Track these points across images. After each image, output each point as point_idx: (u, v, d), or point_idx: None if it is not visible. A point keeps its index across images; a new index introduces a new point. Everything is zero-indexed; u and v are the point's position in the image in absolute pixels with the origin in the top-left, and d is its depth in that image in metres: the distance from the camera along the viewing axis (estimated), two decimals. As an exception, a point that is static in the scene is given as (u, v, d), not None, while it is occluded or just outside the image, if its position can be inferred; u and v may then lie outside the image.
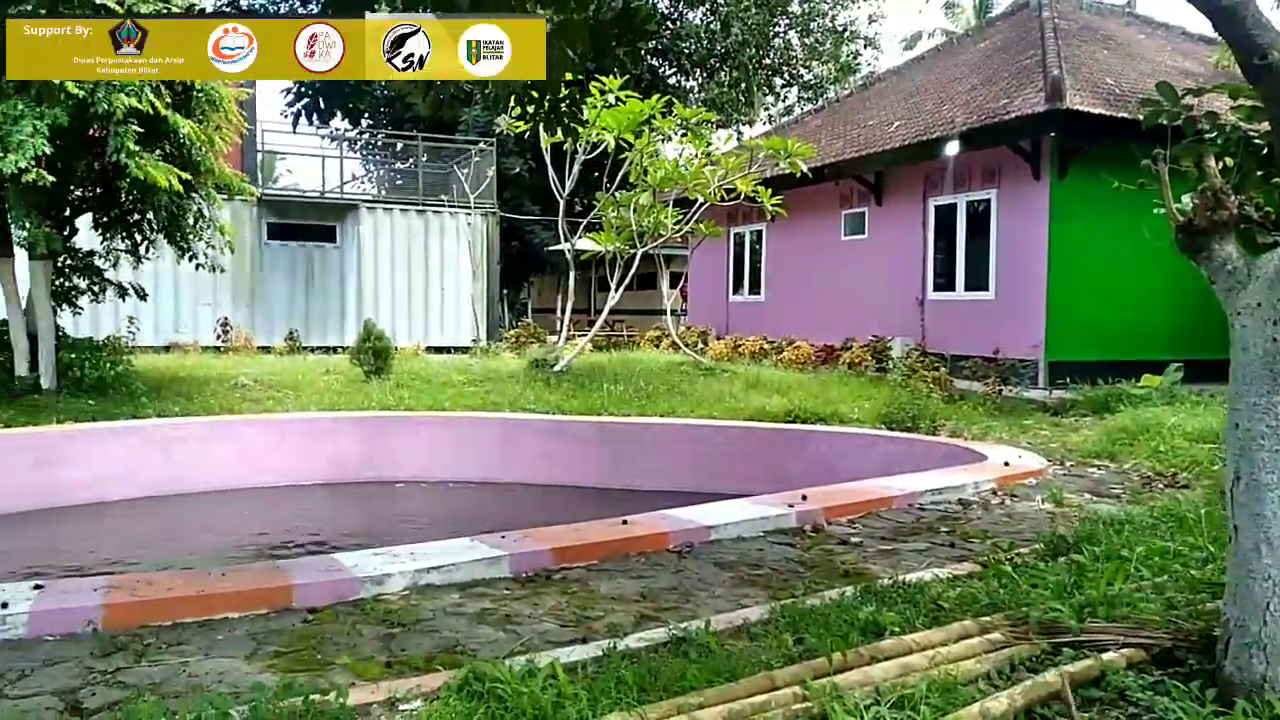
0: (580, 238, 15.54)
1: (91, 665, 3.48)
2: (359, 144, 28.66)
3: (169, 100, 10.28)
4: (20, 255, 11.12)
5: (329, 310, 19.89)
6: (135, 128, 9.78)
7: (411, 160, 23.71)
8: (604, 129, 13.12)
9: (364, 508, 10.29)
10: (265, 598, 4.14)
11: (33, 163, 8.98)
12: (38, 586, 4.09)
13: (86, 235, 12.07)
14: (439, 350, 19.16)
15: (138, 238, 11.79)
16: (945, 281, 15.17)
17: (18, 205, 9.89)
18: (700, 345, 17.64)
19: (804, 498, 6.11)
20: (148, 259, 12.28)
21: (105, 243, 11.90)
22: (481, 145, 22.16)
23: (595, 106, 12.59)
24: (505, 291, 26.48)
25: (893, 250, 16.03)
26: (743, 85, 31.57)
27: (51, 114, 8.94)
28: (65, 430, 9.62)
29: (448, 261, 20.93)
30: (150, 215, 11.39)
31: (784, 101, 34.97)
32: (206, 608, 4.03)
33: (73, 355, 11.49)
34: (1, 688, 3.27)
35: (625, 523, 5.40)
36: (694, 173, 14.08)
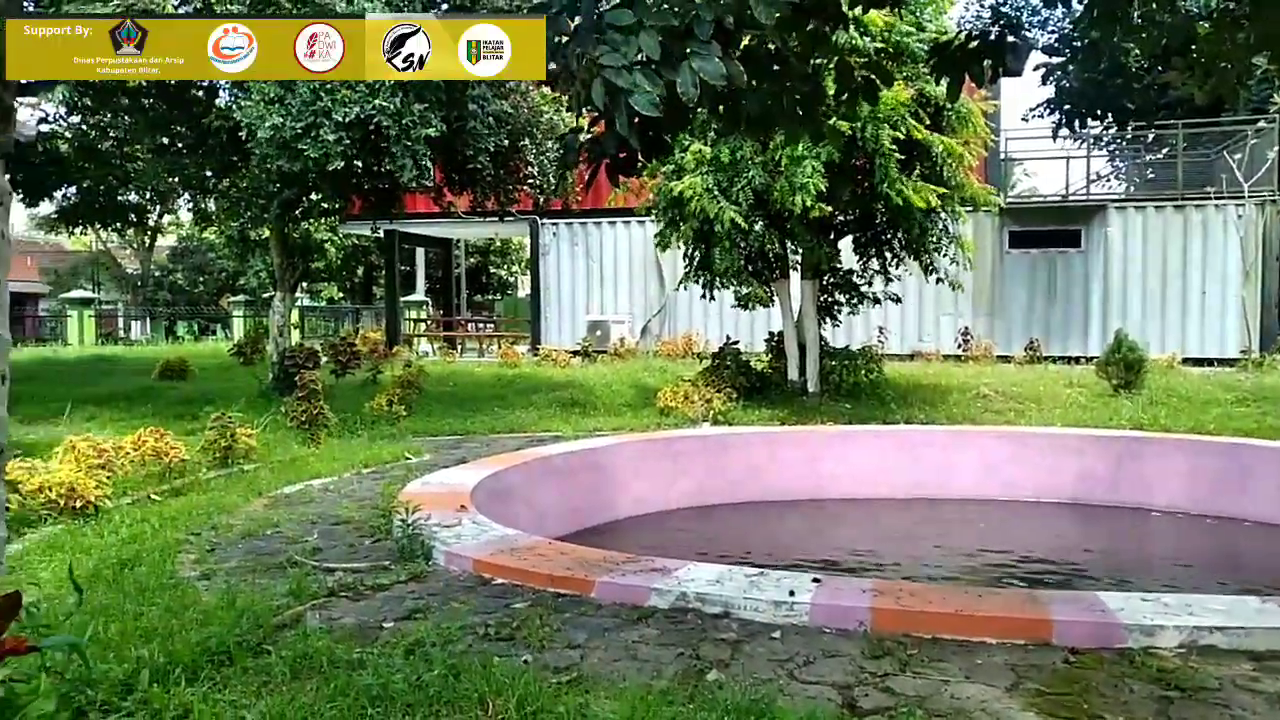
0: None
1: (863, 665, 3.73)
2: (1104, 140, 26.89)
3: (927, 121, 10.87)
4: (792, 276, 12.83)
5: (1070, 319, 19.00)
6: (896, 154, 10.55)
7: (1166, 150, 21.41)
8: None
9: (1110, 535, 9.54)
10: (1023, 628, 4.01)
11: (814, 199, 10.28)
12: (816, 580, 4.56)
13: (845, 256, 13.38)
14: (1197, 362, 16.95)
15: (888, 256, 12.70)
16: None
17: (798, 234, 11.42)
18: None
19: None
20: (896, 278, 13.19)
21: (861, 261, 13.06)
22: (1260, 123, 18.98)
23: None
24: (1286, 293, 22.29)
25: None
26: None
27: (826, 151, 10.12)
28: (827, 431, 10.79)
29: (1210, 261, 18.39)
30: (900, 234, 12.18)
31: None
32: (964, 628, 4.05)
33: (832, 363, 12.87)
34: (791, 670, 3.70)
35: None
36: None
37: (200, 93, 12.70)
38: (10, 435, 2.98)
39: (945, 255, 12.29)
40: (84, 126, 16.05)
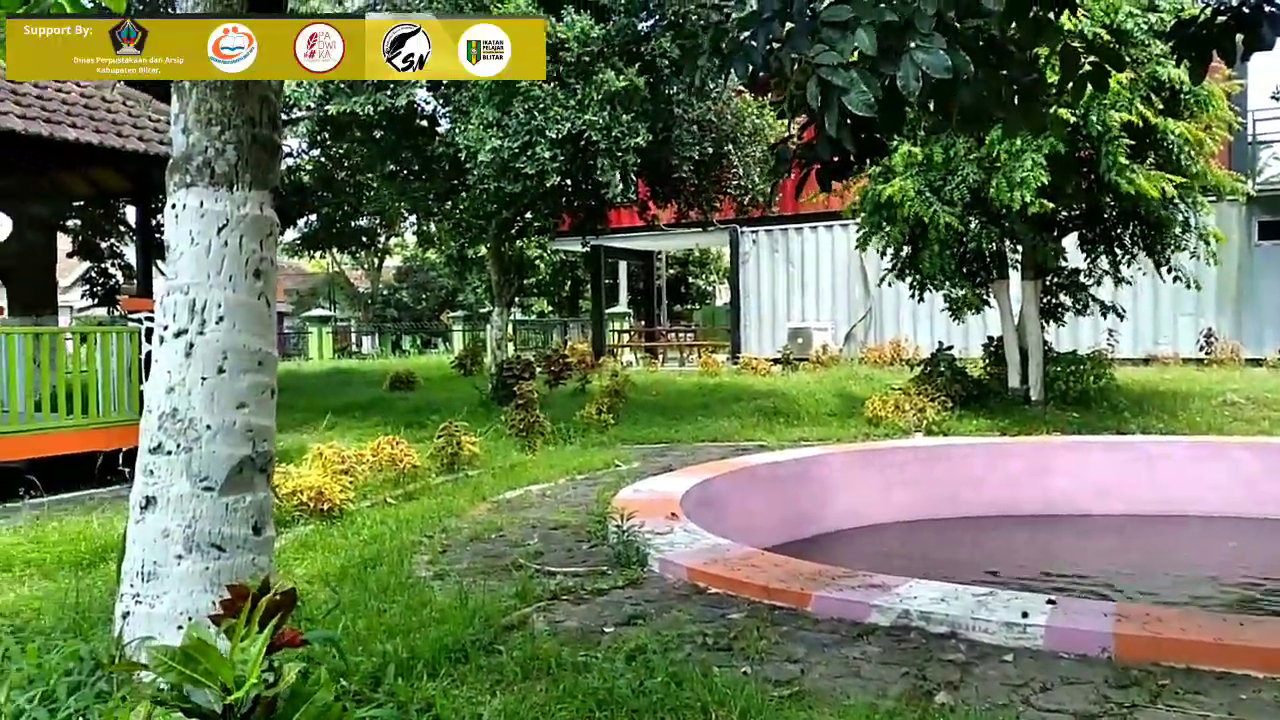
0: None
1: (1107, 694, 3.47)
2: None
3: (1160, 107, 10.04)
4: (1012, 277, 12.14)
5: (1335, 317, 16.97)
6: (1125, 141, 9.79)
7: None
8: None
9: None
10: (1296, 662, 3.61)
11: (1035, 194, 9.70)
12: (1051, 601, 4.29)
13: (1071, 254, 12.53)
14: None
15: (1118, 253, 11.80)
16: None
17: (1019, 232, 10.82)
18: None
19: None
20: (1128, 283, 12.28)
21: (1088, 260, 12.20)
22: None
23: None
24: None
25: None
26: None
27: (1049, 143, 9.52)
28: (1054, 441, 10.14)
29: None
30: (1132, 230, 11.30)
31: None
32: (1224, 658, 3.69)
33: (1057, 369, 12.06)
34: (1026, 695, 3.49)
35: None
36: None
37: (424, 122, 13.56)
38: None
39: (1185, 250, 11.27)
40: (323, 159, 17.53)
